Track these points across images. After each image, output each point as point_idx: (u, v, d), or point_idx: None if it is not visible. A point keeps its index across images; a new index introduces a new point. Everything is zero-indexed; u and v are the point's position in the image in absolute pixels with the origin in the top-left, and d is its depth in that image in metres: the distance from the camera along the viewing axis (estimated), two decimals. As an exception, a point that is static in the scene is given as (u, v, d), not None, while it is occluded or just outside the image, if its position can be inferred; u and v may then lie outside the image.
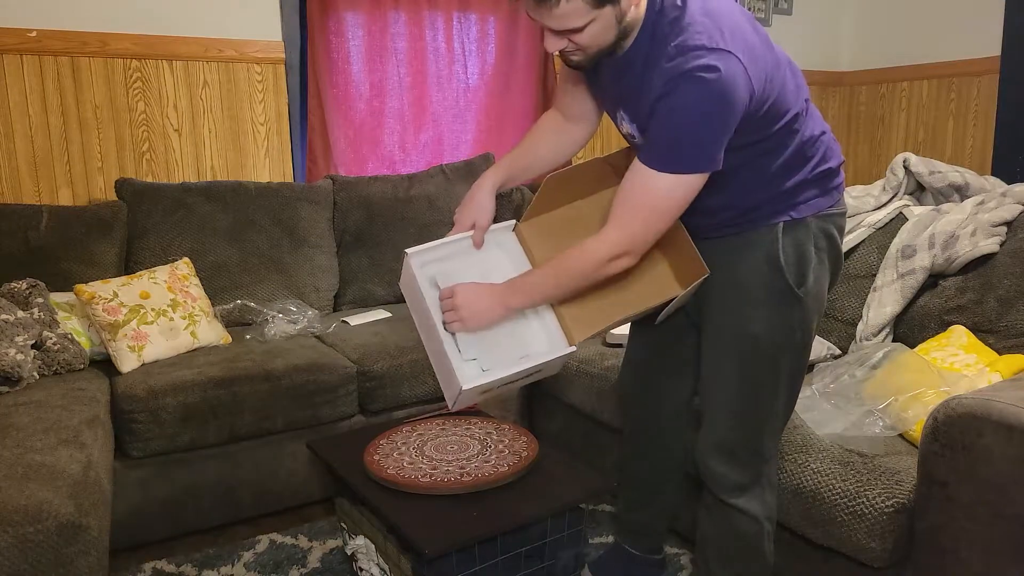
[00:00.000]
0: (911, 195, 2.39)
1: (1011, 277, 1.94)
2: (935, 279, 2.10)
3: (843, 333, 2.23)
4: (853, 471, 1.57)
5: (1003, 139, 3.65)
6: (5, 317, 2.06)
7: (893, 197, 2.36)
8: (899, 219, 2.27)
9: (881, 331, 2.12)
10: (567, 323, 1.60)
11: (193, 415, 2.09)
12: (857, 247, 2.28)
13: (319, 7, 3.01)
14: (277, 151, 3.09)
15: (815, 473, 1.62)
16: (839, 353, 2.15)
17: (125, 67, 2.78)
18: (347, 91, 3.14)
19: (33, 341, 2.10)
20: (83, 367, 2.19)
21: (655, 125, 1.34)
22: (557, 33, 1.33)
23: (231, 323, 2.60)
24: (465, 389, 1.48)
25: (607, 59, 1.40)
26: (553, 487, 1.64)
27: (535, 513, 1.55)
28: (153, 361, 2.25)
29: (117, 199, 2.65)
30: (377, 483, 1.62)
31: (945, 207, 2.21)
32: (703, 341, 1.58)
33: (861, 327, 2.16)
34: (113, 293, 2.24)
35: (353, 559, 1.80)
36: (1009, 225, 2.03)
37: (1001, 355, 1.83)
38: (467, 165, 3.21)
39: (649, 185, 1.35)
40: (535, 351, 1.59)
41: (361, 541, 1.74)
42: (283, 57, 3.03)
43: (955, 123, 3.87)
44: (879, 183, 2.40)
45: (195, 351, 2.34)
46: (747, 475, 1.55)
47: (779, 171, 1.44)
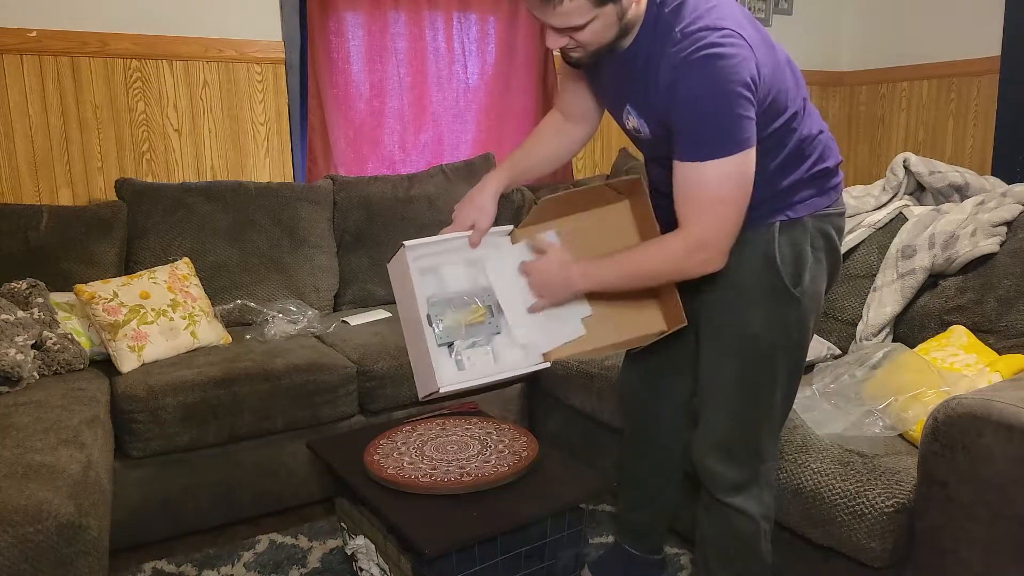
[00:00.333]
0: (911, 195, 2.39)
1: (1011, 277, 1.94)
2: (935, 279, 2.10)
3: (843, 333, 2.23)
4: (853, 471, 1.57)
5: (1003, 139, 3.65)
6: (5, 317, 2.06)
7: (893, 197, 2.36)
8: (899, 219, 2.27)
9: (881, 331, 2.12)
10: None
11: (193, 415, 2.09)
12: (857, 247, 2.28)
13: (319, 7, 3.01)
14: (277, 151, 3.09)
15: (815, 473, 1.62)
16: (839, 353, 2.15)
17: (125, 67, 2.78)
18: (347, 91, 3.14)
19: (33, 341, 2.10)
20: (83, 367, 2.19)
21: (677, 117, 1.32)
22: (559, 31, 1.33)
23: (231, 323, 2.60)
24: (443, 391, 1.53)
25: (608, 56, 1.40)
26: (553, 487, 1.64)
27: (535, 513, 1.56)
28: (153, 361, 2.25)
29: (117, 199, 2.65)
30: (377, 483, 1.62)
31: (945, 207, 2.21)
32: (701, 341, 1.58)
33: (861, 327, 2.16)
34: (113, 293, 2.24)
35: (353, 559, 1.80)
36: (1009, 225, 2.03)
37: (1001, 355, 1.83)
38: (467, 165, 3.21)
39: (699, 179, 1.33)
40: (510, 362, 1.62)
41: (361, 541, 1.74)
42: (283, 57, 3.03)
43: (955, 123, 3.87)
44: (879, 183, 2.40)
45: (195, 351, 2.34)
46: (745, 475, 1.55)
47: (776, 170, 1.44)
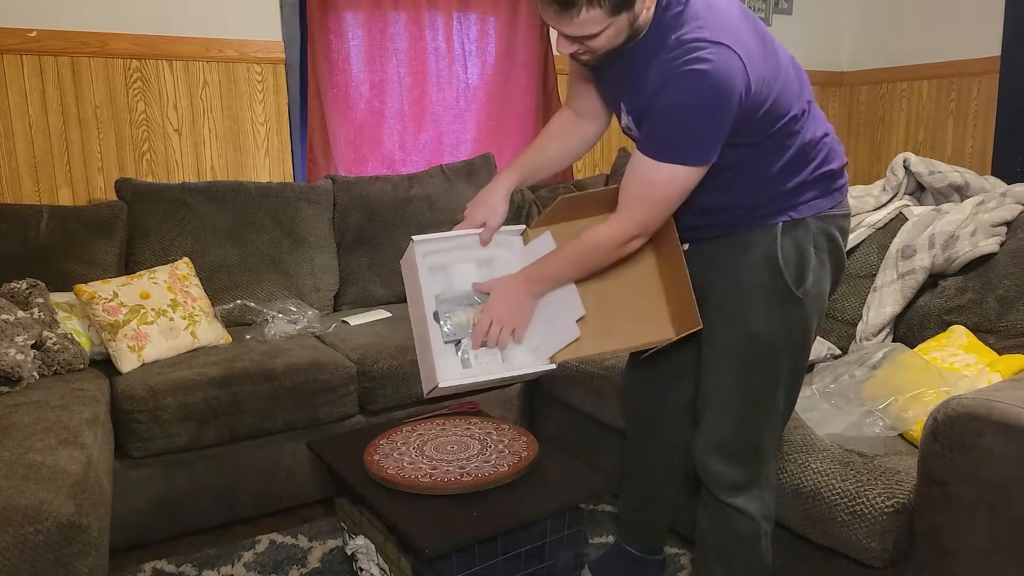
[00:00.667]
0: (911, 195, 2.39)
1: (1011, 277, 1.94)
2: (935, 279, 2.10)
3: (843, 333, 2.23)
4: (853, 471, 1.57)
5: (1003, 139, 3.65)
6: (5, 317, 2.05)
7: (893, 197, 2.36)
8: (899, 219, 2.27)
9: (881, 331, 2.12)
10: None
11: (193, 415, 2.09)
12: (857, 247, 2.28)
13: (319, 7, 3.01)
14: (277, 151, 3.09)
15: (815, 473, 1.62)
16: (839, 353, 2.15)
17: (125, 67, 2.78)
18: (347, 91, 3.14)
19: (33, 341, 2.10)
20: (83, 367, 2.19)
21: (652, 118, 1.36)
22: (572, 38, 1.35)
23: (231, 323, 2.60)
24: (442, 386, 1.54)
25: (614, 55, 1.41)
26: (553, 487, 1.64)
27: (535, 513, 1.56)
28: (153, 361, 2.25)
29: (117, 199, 2.65)
30: (377, 483, 1.62)
31: (945, 207, 2.21)
32: (703, 340, 1.58)
33: (861, 327, 2.16)
34: (113, 293, 2.24)
35: (353, 559, 1.80)
36: (1009, 225, 2.03)
37: (1001, 355, 1.83)
38: (467, 165, 3.21)
39: (650, 176, 1.38)
40: (518, 363, 1.63)
41: (361, 541, 1.74)
42: (283, 57, 3.03)
43: (955, 123, 3.87)
44: (879, 183, 2.40)
45: (195, 351, 2.34)
46: (745, 475, 1.55)
47: (780, 172, 1.44)
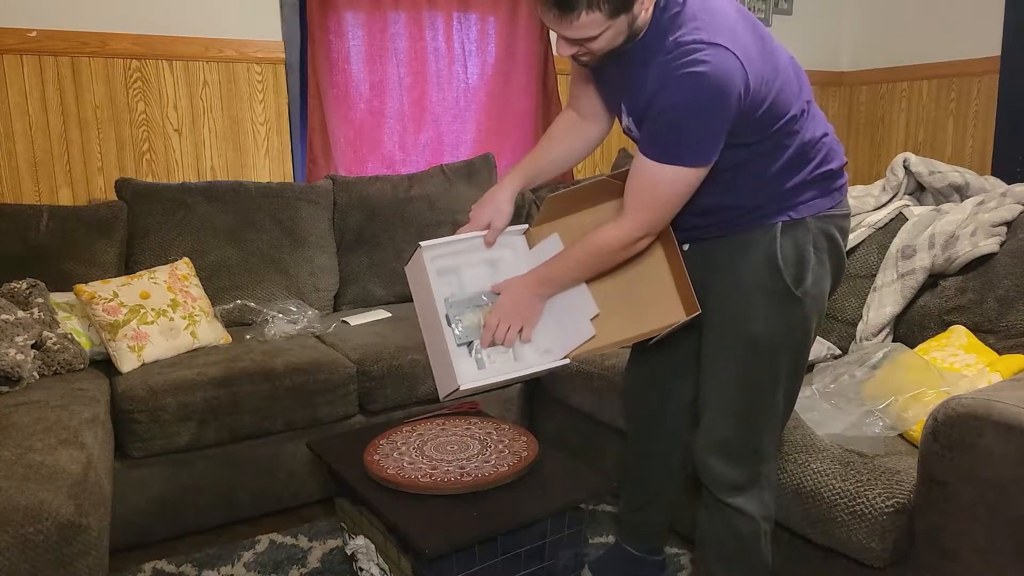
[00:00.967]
0: (911, 195, 2.39)
1: (1011, 277, 1.94)
2: (935, 279, 2.10)
3: (843, 333, 2.23)
4: (853, 471, 1.57)
5: (1003, 139, 3.65)
6: (5, 317, 2.05)
7: (893, 197, 2.35)
8: (899, 219, 2.27)
9: (881, 331, 2.11)
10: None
11: (193, 415, 2.09)
12: (857, 247, 2.28)
13: (319, 7, 3.01)
14: (277, 151, 3.09)
15: (815, 473, 1.62)
16: (839, 353, 2.15)
17: (125, 67, 2.78)
18: (347, 91, 3.14)
19: (33, 341, 2.10)
20: (83, 367, 2.19)
21: (652, 120, 1.37)
22: (572, 41, 1.36)
23: (231, 323, 2.60)
24: (463, 388, 1.53)
25: (612, 56, 1.41)
26: (553, 487, 1.64)
27: (535, 513, 1.56)
28: (153, 361, 2.24)
29: (117, 199, 2.65)
30: (377, 483, 1.62)
31: (945, 207, 2.21)
32: (703, 340, 1.58)
33: (861, 327, 2.16)
34: (113, 293, 2.24)
35: (353, 559, 1.80)
36: (1009, 225, 2.03)
37: (1001, 355, 1.83)
38: (467, 165, 3.21)
39: (653, 177, 1.39)
40: (530, 360, 1.64)
41: (361, 541, 1.74)
42: (283, 57, 3.03)
43: (955, 123, 3.87)
44: (879, 183, 2.40)
45: (195, 351, 2.34)
46: (745, 475, 1.55)
47: (779, 171, 1.44)
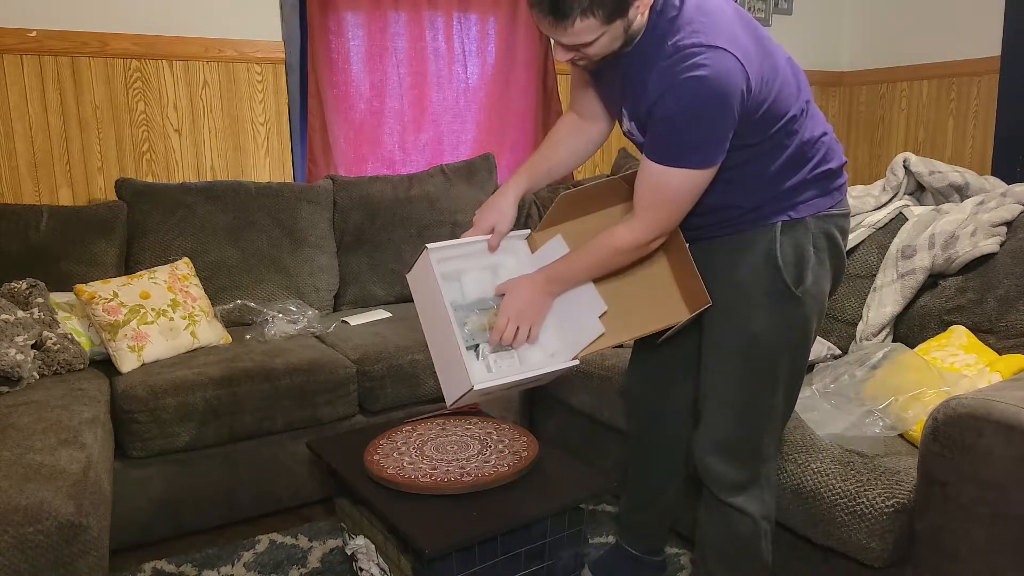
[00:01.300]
0: (911, 195, 2.39)
1: (1011, 277, 1.94)
2: (935, 279, 2.10)
3: (843, 333, 2.23)
4: (853, 471, 1.57)
5: (1003, 139, 3.65)
6: (5, 317, 2.05)
7: (893, 197, 2.35)
8: (899, 219, 2.27)
9: (881, 331, 2.11)
10: None
11: (193, 415, 2.09)
12: (857, 247, 2.28)
13: (319, 7, 3.01)
14: (277, 151, 3.09)
15: (815, 473, 1.62)
16: (839, 353, 2.15)
17: (125, 67, 2.78)
18: (347, 91, 3.14)
19: (33, 341, 2.10)
20: (83, 367, 2.19)
21: (656, 125, 1.37)
22: (568, 47, 1.36)
23: (231, 323, 2.60)
24: (476, 388, 1.51)
25: (611, 59, 1.41)
26: (553, 487, 1.64)
27: (535, 513, 1.56)
28: (153, 361, 2.24)
29: (117, 199, 2.65)
30: (377, 483, 1.62)
31: (945, 207, 2.21)
32: (703, 340, 1.59)
33: (861, 327, 2.16)
34: (113, 293, 2.24)
35: (353, 559, 1.80)
36: (1009, 225, 2.03)
37: (1001, 355, 1.83)
38: (467, 165, 3.21)
39: (662, 180, 1.40)
40: (538, 361, 1.64)
41: (361, 541, 1.74)
42: (283, 57, 3.02)
43: (955, 123, 3.87)
44: (879, 183, 2.40)
45: (195, 351, 2.34)
46: (745, 474, 1.55)
47: (779, 171, 1.45)
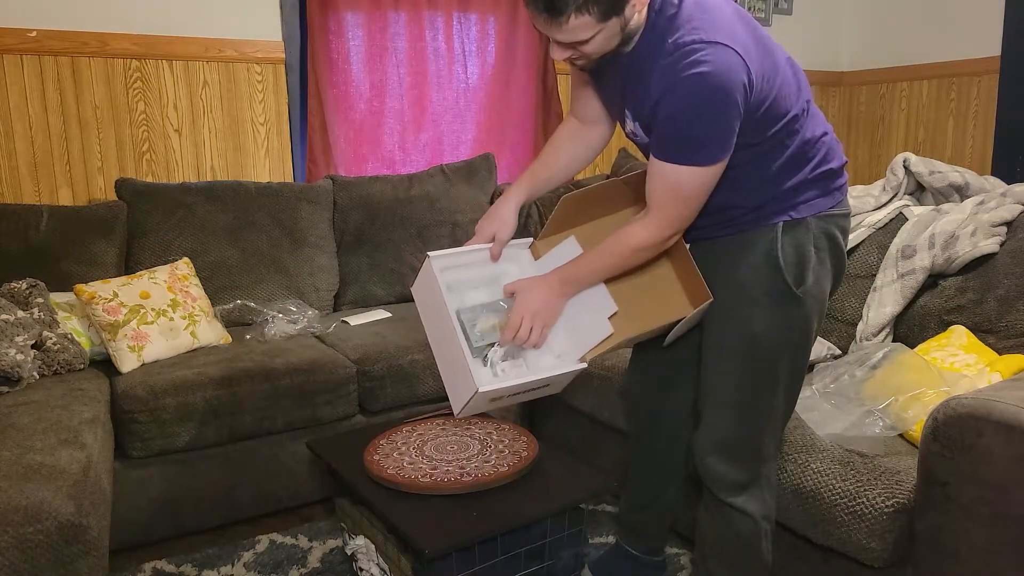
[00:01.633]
0: (911, 195, 2.39)
1: (1011, 277, 1.94)
2: (935, 279, 2.10)
3: (843, 333, 2.23)
4: (853, 471, 1.57)
5: (1003, 139, 3.65)
6: (5, 317, 2.05)
7: (893, 197, 2.35)
8: (899, 219, 2.27)
9: (881, 331, 2.11)
10: None
11: (193, 415, 2.09)
12: (857, 247, 2.28)
13: (319, 7, 3.01)
14: (277, 151, 3.09)
15: (815, 473, 1.62)
16: (839, 353, 2.15)
17: (125, 67, 2.78)
18: (347, 91, 3.14)
19: (33, 341, 2.10)
20: (83, 367, 2.19)
21: (661, 124, 1.36)
22: (564, 45, 1.36)
23: (231, 323, 2.60)
24: (481, 391, 1.51)
25: (610, 59, 1.41)
26: (553, 487, 1.64)
27: (535, 513, 1.56)
28: (153, 361, 2.24)
29: (117, 199, 2.65)
30: (377, 483, 1.62)
31: (945, 207, 2.21)
32: (704, 340, 1.59)
33: (861, 327, 2.16)
34: (113, 293, 2.24)
35: (353, 559, 1.80)
36: (1009, 225, 2.03)
37: (1001, 355, 1.83)
38: (467, 165, 3.21)
39: (672, 179, 1.40)
40: (546, 364, 1.65)
41: (361, 541, 1.74)
42: (283, 57, 3.02)
43: (955, 123, 3.87)
44: (879, 183, 2.40)
45: (195, 351, 2.34)
46: (746, 474, 1.55)
47: (779, 171, 1.45)
